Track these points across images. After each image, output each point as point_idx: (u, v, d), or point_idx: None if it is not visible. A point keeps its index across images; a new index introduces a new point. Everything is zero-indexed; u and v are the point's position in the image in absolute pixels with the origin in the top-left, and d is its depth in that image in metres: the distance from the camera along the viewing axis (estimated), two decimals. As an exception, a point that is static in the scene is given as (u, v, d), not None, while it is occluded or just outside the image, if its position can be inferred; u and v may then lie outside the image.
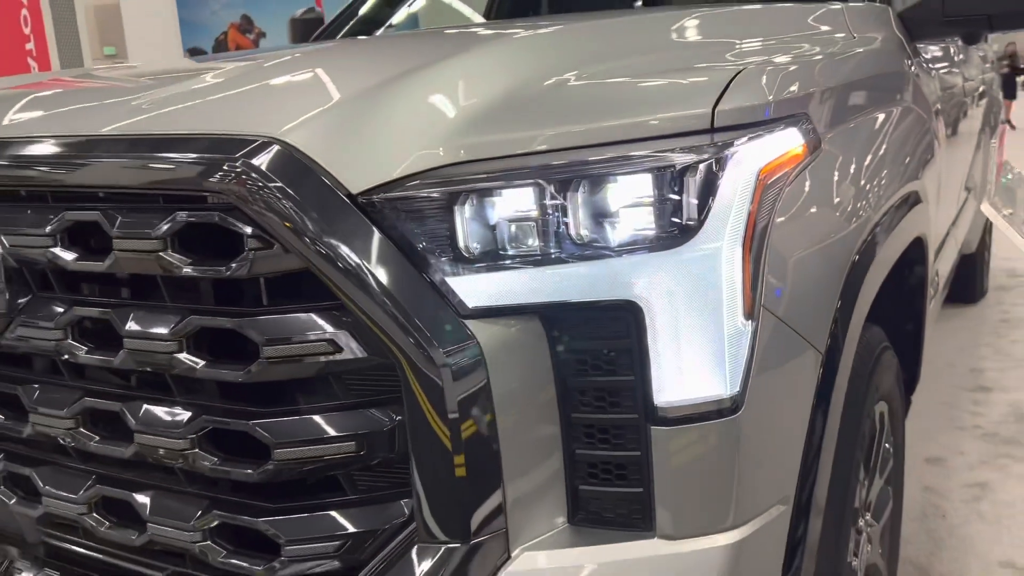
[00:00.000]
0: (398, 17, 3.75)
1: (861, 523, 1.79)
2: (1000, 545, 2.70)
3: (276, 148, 1.08)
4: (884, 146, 1.69)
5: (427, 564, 1.11)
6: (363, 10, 3.66)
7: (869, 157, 1.59)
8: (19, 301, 1.30)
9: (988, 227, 5.07)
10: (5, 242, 1.27)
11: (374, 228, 1.09)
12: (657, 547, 1.14)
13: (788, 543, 1.24)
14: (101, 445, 1.26)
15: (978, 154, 3.89)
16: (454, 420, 1.08)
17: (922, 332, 2.19)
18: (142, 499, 1.25)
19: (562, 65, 1.31)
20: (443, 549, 1.11)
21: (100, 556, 1.35)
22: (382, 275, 1.06)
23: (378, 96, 1.17)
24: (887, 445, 1.94)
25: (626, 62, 1.39)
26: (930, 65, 2.52)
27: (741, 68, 1.28)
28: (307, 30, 3.78)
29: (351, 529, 1.15)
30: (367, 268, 1.06)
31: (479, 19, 3.94)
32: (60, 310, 1.25)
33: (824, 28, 1.93)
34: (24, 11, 5.33)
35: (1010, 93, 19.61)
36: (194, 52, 11.23)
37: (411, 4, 3.80)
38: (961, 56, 3.67)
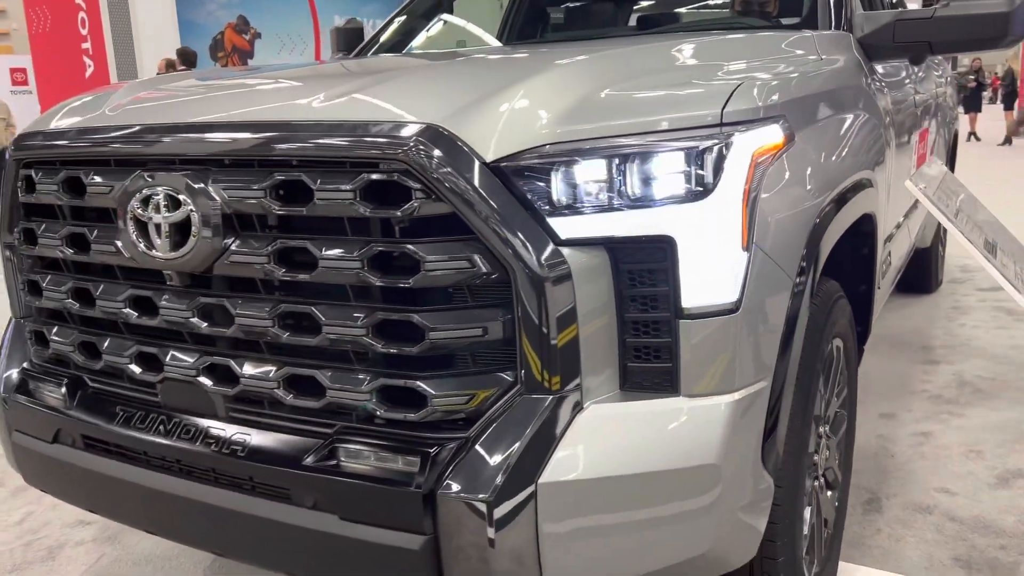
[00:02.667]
0: (421, 38, 4.26)
1: (821, 430, 2.34)
2: (937, 476, 3.26)
3: (437, 130, 1.60)
4: (841, 142, 2.24)
5: (529, 409, 1.63)
6: (391, 29, 4.18)
7: (829, 149, 2.14)
8: (228, 240, 1.80)
9: (942, 225, 5.66)
10: (224, 195, 1.79)
11: (500, 185, 1.60)
12: (681, 402, 1.66)
13: (768, 410, 1.77)
14: (292, 338, 1.77)
15: (932, 156, 4.45)
16: (550, 314, 1.59)
17: (872, 293, 2.74)
18: (322, 375, 1.77)
19: (620, 77, 1.83)
20: (541, 399, 1.63)
21: (278, 421, 1.86)
22: (505, 215, 1.58)
23: (500, 96, 1.69)
24: (842, 379, 2.48)
25: (664, 76, 1.93)
26: (885, 81, 3.07)
27: (741, 82, 1.83)
28: (350, 39, 4.28)
29: (475, 389, 1.66)
30: (496, 210, 1.58)
31: (490, 39, 4.45)
32: (264, 244, 1.76)
33: (798, 52, 2.49)
34: (82, 14, 5.81)
35: (975, 106, 20.07)
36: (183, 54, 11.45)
37: (430, 28, 4.33)
38: (921, 74, 4.22)
